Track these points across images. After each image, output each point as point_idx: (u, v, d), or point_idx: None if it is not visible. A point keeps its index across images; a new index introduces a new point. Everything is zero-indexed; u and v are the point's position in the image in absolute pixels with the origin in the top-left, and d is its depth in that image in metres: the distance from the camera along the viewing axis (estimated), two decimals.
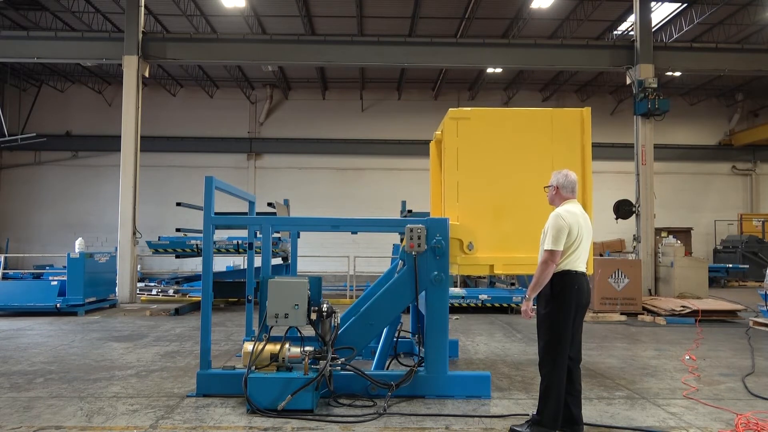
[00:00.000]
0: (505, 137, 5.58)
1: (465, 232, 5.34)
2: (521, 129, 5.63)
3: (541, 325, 4.10)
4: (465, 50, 15.20)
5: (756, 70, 15.92)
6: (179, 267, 20.93)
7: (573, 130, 5.62)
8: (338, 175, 22.96)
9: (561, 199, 4.25)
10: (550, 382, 3.99)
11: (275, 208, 8.52)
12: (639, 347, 7.83)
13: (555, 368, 3.97)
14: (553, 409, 3.96)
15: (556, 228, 4.00)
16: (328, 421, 4.38)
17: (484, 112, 5.70)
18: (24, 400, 4.92)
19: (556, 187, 4.26)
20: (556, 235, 3.98)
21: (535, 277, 4.03)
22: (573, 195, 4.24)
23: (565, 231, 4.00)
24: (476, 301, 11.40)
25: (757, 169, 24.00)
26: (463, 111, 5.62)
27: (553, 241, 3.98)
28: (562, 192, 4.24)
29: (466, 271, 5.57)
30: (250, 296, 6.02)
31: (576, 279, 4.04)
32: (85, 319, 10.29)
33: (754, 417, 4.50)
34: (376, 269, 15.30)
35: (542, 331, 4.08)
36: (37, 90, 22.51)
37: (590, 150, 5.62)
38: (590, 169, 5.62)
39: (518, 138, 5.59)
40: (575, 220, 4.06)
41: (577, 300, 4.01)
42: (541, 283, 4.00)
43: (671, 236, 14.73)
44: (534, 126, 5.63)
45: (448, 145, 5.58)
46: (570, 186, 4.23)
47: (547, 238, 4.03)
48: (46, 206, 22.38)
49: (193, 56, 15.17)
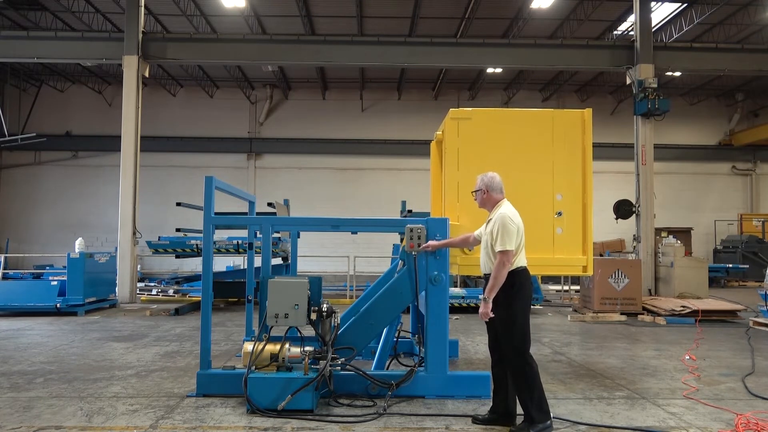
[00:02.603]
0: (506, 138, 5.59)
1: (465, 232, 5.33)
2: (522, 130, 5.64)
3: (507, 323, 4.13)
4: (465, 50, 15.20)
5: (756, 70, 15.93)
6: (179, 267, 20.92)
7: (574, 131, 5.62)
8: (338, 175, 22.96)
9: (493, 201, 4.35)
10: (527, 374, 4.06)
11: (275, 208, 8.52)
12: (639, 347, 7.83)
13: (527, 360, 4.09)
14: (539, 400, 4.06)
15: (507, 229, 4.10)
16: (328, 421, 4.38)
17: (485, 112, 5.70)
18: (24, 400, 4.92)
19: (486, 190, 4.36)
20: (509, 236, 4.09)
21: (493, 278, 4.10)
22: (503, 195, 4.38)
23: (514, 231, 4.12)
24: (476, 301, 11.39)
25: (757, 169, 24.01)
26: (464, 111, 5.62)
27: (508, 242, 4.09)
28: (492, 194, 4.35)
29: (466, 272, 5.58)
30: (250, 296, 6.02)
31: (527, 274, 4.25)
32: (85, 319, 10.28)
33: (754, 417, 4.50)
34: (376, 269, 15.28)
35: (510, 329, 4.12)
36: (37, 90, 22.52)
37: (591, 151, 5.63)
38: (591, 170, 5.63)
39: (519, 138, 5.60)
40: (519, 219, 4.23)
41: (529, 294, 4.26)
42: (499, 284, 4.08)
43: (671, 236, 14.73)
44: (535, 127, 5.64)
45: (449, 145, 5.57)
46: (498, 186, 4.36)
47: (498, 239, 4.11)
48: (46, 206, 22.38)
49: (193, 56, 15.18)
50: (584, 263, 5.56)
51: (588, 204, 5.59)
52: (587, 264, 5.57)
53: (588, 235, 5.56)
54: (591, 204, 5.59)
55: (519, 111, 5.85)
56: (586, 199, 5.58)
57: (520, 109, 5.97)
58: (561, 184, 5.56)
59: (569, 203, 5.57)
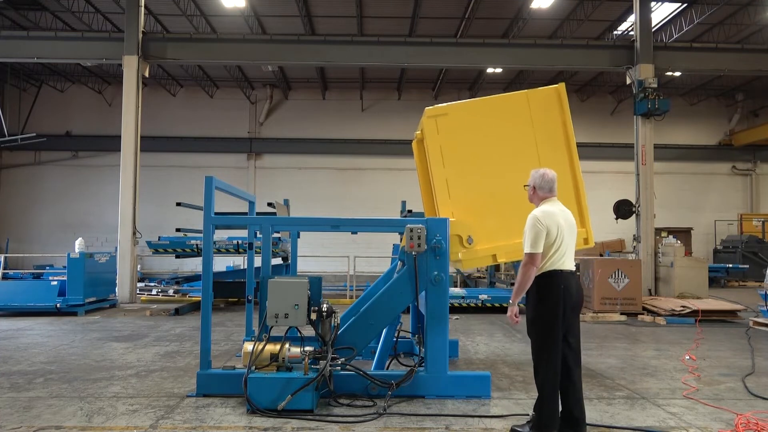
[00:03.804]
0: (485, 126, 5.56)
1: (462, 227, 5.34)
2: (500, 115, 5.59)
3: (531, 328, 4.10)
4: (465, 50, 15.19)
5: (756, 70, 15.93)
6: (179, 267, 20.92)
7: (551, 108, 5.60)
8: (338, 175, 22.96)
9: (539, 198, 4.25)
10: (544, 383, 3.99)
11: (275, 208, 8.52)
12: (639, 347, 7.83)
13: (548, 369, 3.97)
14: (550, 410, 3.96)
15: (533, 231, 3.99)
16: (328, 421, 4.38)
17: (460, 105, 5.66)
18: (24, 400, 4.92)
19: (533, 187, 4.27)
20: (534, 238, 3.97)
21: (517, 281, 4.03)
22: (551, 194, 4.21)
23: (543, 233, 3.97)
24: (476, 301, 11.39)
25: (757, 169, 23.99)
26: (439, 108, 5.57)
27: (531, 244, 3.97)
28: (539, 192, 4.24)
29: (470, 265, 5.55)
30: (250, 296, 6.02)
31: (562, 278, 3.99)
32: (85, 319, 10.28)
33: (754, 417, 4.50)
34: (376, 269, 15.30)
35: (533, 335, 4.09)
36: (37, 90, 22.50)
37: (572, 127, 5.60)
38: (574, 144, 5.59)
39: (499, 125, 5.56)
40: (553, 221, 4.02)
41: (565, 300, 3.96)
42: (523, 287, 3.99)
43: (671, 236, 14.73)
44: (512, 110, 5.59)
45: (431, 143, 5.51)
46: (547, 186, 4.21)
47: (525, 241, 4.03)
48: (46, 206, 22.37)
49: (193, 56, 15.18)
50: (584, 235, 5.50)
51: (578, 177, 5.55)
52: (588, 236, 5.51)
53: (583, 208, 5.51)
54: (581, 177, 5.54)
55: (493, 98, 5.76)
56: (575, 173, 5.54)
57: (494, 96, 5.86)
58: (547, 161, 5.50)
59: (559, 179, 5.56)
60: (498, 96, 5.81)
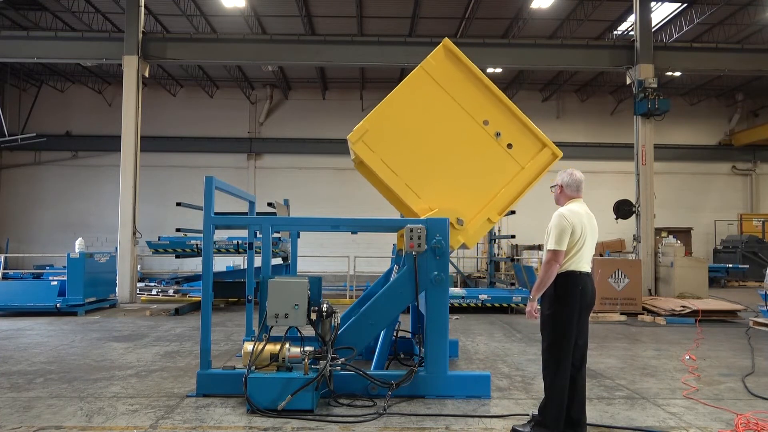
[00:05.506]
0: (410, 120, 5.58)
1: (446, 214, 5.34)
2: (414, 100, 5.61)
3: (545, 326, 4.08)
4: (465, 50, 14.72)
5: (756, 70, 15.92)
6: (179, 267, 20.91)
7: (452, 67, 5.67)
8: (338, 175, 22.94)
9: (566, 198, 4.23)
10: (553, 383, 3.98)
11: (275, 208, 8.51)
12: (639, 347, 7.83)
13: (558, 369, 3.96)
14: (556, 410, 3.95)
15: (559, 228, 3.98)
16: (328, 421, 4.38)
17: (374, 114, 5.62)
18: (24, 400, 4.92)
19: (561, 186, 4.25)
20: (559, 235, 3.96)
21: (539, 277, 4.01)
22: (578, 194, 4.21)
23: (568, 231, 3.97)
24: (476, 301, 11.39)
25: (757, 169, 24.00)
26: (358, 129, 5.55)
27: (556, 241, 3.95)
28: (566, 191, 4.22)
29: (475, 240, 5.56)
30: (250, 296, 6.01)
31: (580, 280, 3.99)
32: (85, 319, 10.28)
33: (754, 417, 4.50)
34: (376, 269, 15.28)
35: (546, 332, 4.07)
36: (37, 90, 22.51)
37: (479, 71, 5.66)
38: (492, 84, 5.63)
39: (421, 111, 5.59)
40: (578, 220, 4.02)
41: (581, 301, 3.97)
42: (545, 283, 3.97)
43: (671, 236, 14.74)
44: (421, 89, 5.61)
45: (372, 162, 5.51)
46: (575, 185, 4.20)
47: (550, 238, 4.01)
48: (46, 206, 22.38)
49: (193, 56, 15.18)
50: (550, 152, 5.53)
51: (513, 107, 5.58)
52: (554, 150, 5.53)
53: (534, 129, 5.55)
54: (515, 107, 5.58)
55: (398, 89, 5.72)
56: (509, 105, 5.57)
57: (397, 87, 5.78)
58: (482, 114, 5.55)
59: (500, 121, 5.57)
60: (400, 85, 5.75)
